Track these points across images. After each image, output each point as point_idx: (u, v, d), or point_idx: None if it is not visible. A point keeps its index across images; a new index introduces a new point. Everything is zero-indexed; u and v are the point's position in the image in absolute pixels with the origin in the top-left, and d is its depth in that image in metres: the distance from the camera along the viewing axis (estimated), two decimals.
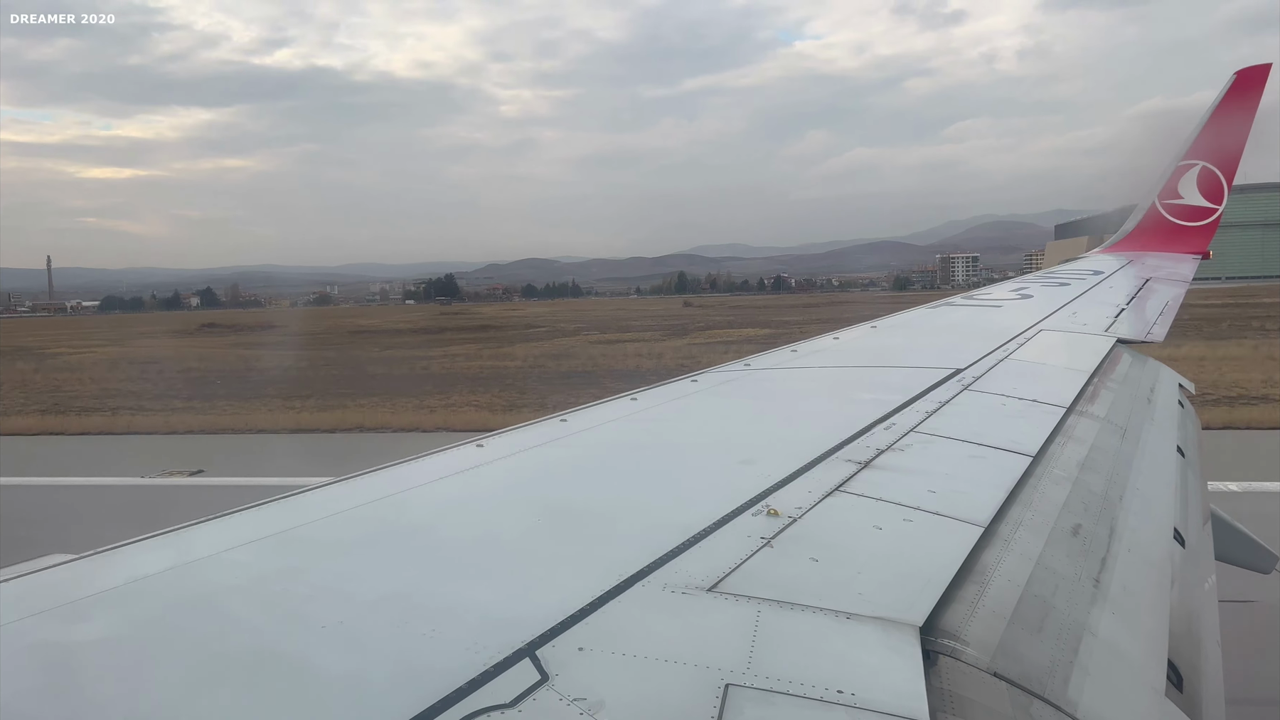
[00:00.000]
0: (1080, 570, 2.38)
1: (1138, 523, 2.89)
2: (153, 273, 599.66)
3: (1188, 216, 12.18)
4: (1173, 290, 9.14)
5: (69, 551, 2.24)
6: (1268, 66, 11.63)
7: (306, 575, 2.05)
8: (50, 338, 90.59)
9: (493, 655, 1.59)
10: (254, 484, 15.34)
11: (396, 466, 3.03)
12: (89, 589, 1.98)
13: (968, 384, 4.28)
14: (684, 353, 43.10)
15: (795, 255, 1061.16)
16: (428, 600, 1.87)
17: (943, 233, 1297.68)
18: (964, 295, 9.76)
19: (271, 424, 26.12)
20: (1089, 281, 9.67)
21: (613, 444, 3.44)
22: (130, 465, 20.13)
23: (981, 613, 1.95)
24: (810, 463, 2.88)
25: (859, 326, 7.17)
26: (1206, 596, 2.99)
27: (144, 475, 18.39)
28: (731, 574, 1.98)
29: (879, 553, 2.18)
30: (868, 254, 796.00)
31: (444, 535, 2.36)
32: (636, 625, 1.74)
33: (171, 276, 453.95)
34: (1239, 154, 11.83)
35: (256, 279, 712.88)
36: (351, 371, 41.71)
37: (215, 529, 2.39)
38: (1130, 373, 5.33)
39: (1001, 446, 3.20)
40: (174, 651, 1.68)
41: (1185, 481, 3.72)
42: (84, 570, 2.12)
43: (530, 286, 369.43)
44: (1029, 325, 6.54)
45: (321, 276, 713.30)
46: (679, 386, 4.59)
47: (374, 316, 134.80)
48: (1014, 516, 2.54)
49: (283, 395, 32.34)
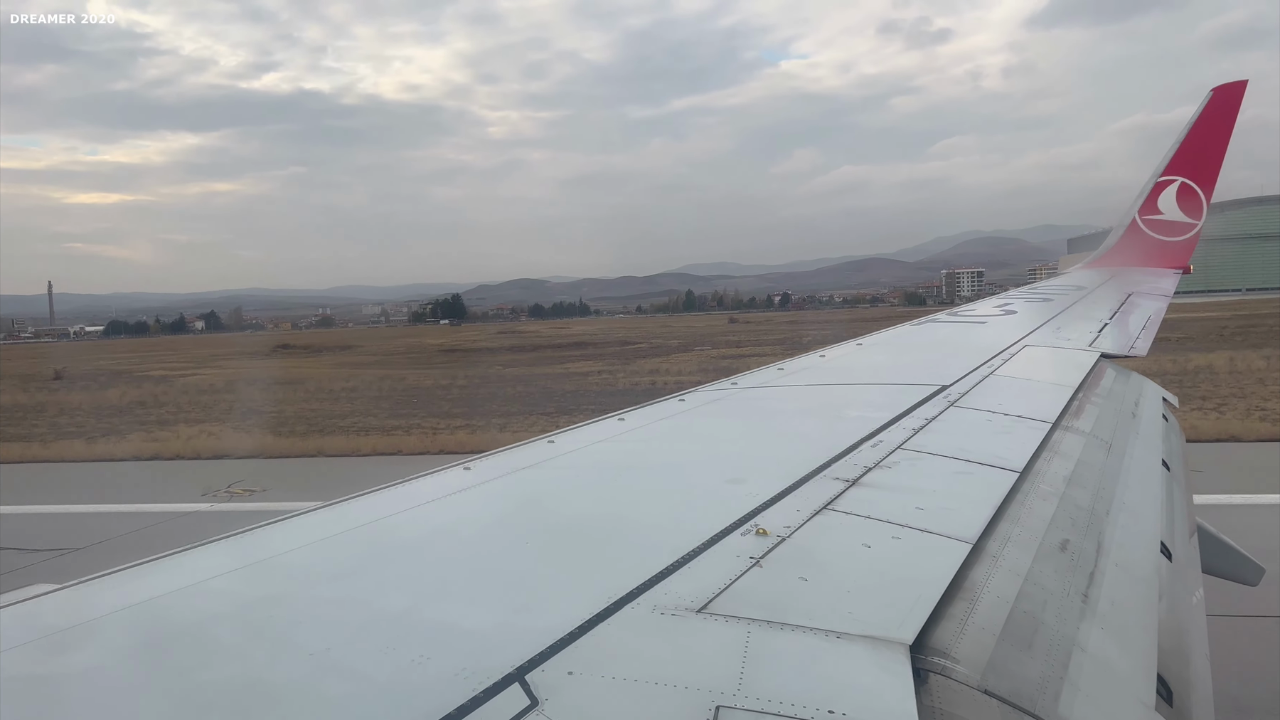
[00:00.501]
0: (1069, 585, 2.38)
1: (1125, 537, 2.89)
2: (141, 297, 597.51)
3: (1168, 232, 12.31)
4: (1155, 305, 9.22)
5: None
6: (1244, 83, 11.80)
7: (292, 602, 2.03)
8: (122, 361, 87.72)
9: (482, 681, 1.58)
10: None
11: (383, 490, 3.01)
12: (72, 619, 1.96)
13: (954, 400, 4.30)
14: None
15: (784, 273, 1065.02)
16: (416, 626, 1.85)
17: (930, 249, 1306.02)
18: (948, 312, 9.82)
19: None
20: (1072, 297, 9.74)
21: (601, 465, 3.43)
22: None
23: (971, 630, 1.94)
24: (798, 481, 2.88)
25: (845, 344, 7.20)
26: (1194, 609, 3.00)
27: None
28: (721, 594, 1.98)
29: (868, 571, 2.18)
30: (856, 271, 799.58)
31: (432, 559, 2.34)
32: (626, 648, 1.73)
33: (160, 301, 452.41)
34: (1217, 169, 11.98)
35: (245, 302, 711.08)
36: (521, 389, 40.23)
37: (199, 556, 2.37)
38: (1114, 387, 5.36)
39: (988, 462, 3.21)
40: (159, 682, 1.66)
41: (1171, 495, 3.74)
42: (67, 601, 2.09)
43: (538, 306, 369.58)
44: (1013, 341, 6.58)
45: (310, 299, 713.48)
46: (667, 406, 4.60)
47: (421, 337, 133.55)
48: (1002, 532, 2.55)
49: (502, 413, 31.37)
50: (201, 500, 17.96)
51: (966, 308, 10.37)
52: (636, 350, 67.82)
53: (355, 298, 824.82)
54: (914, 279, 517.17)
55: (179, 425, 31.46)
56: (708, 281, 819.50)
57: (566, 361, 58.09)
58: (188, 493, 18.61)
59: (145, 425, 32.01)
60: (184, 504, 17.56)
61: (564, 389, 39.22)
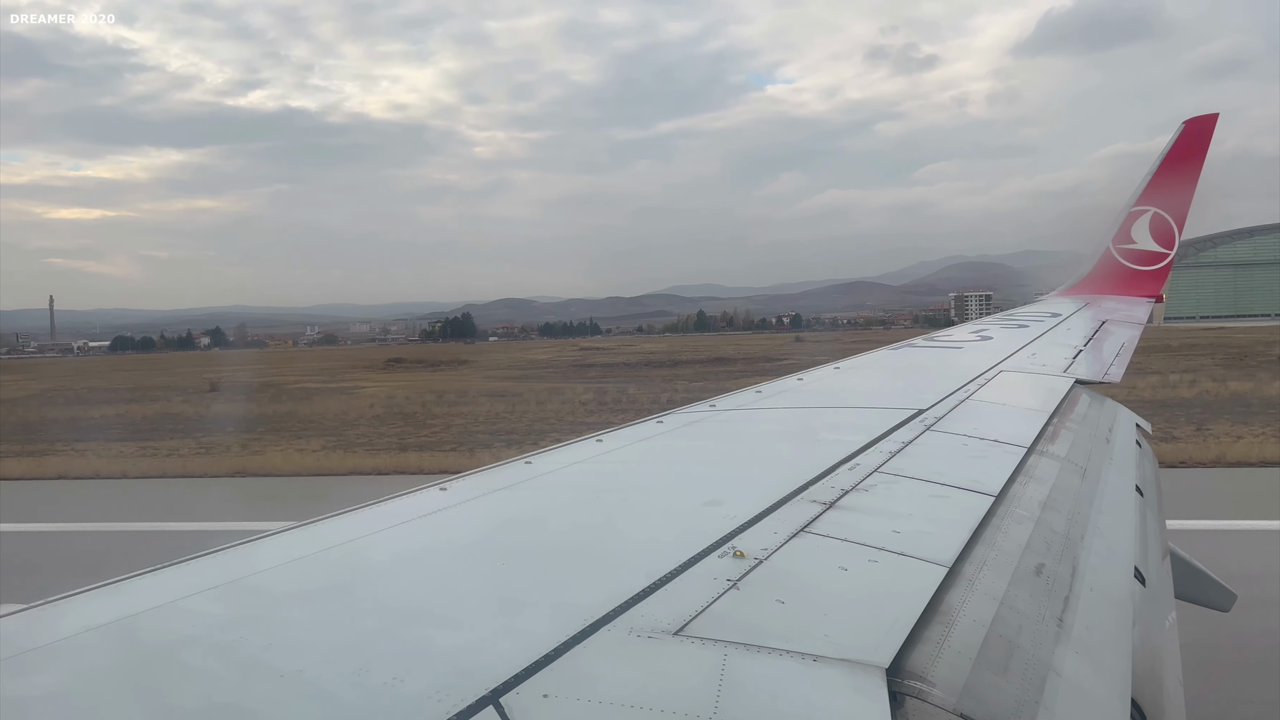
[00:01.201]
0: (1044, 609, 2.39)
1: (1099, 562, 2.91)
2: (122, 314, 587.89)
3: (1141, 261, 12.49)
4: (1128, 332, 9.33)
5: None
6: (1215, 116, 12.03)
7: (263, 623, 2.00)
8: (208, 375, 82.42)
9: (455, 704, 1.56)
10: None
11: (357, 511, 2.98)
12: (36, 640, 1.92)
13: (930, 424, 4.32)
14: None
15: (771, 294, 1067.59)
16: (388, 648, 1.83)
17: (914, 273, 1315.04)
18: (925, 337, 9.89)
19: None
20: (1047, 323, 9.84)
21: (578, 486, 3.42)
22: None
23: (947, 653, 1.94)
24: (776, 504, 2.88)
25: (823, 367, 7.23)
26: (1167, 634, 3.02)
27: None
28: (698, 617, 1.97)
29: (845, 594, 2.18)
30: (843, 294, 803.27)
31: (406, 581, 2.32)
32: (602, 671, 1.72)
33: (142, 317, 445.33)
34: (1189, 201, 12.19)
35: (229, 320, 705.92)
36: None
37: (168, 577, 2.33)
38: (1089, 413, 5.41)
39: (965, 486, 3.22)
40: (126, 703, 1.63)
41: (1144, 520, 3.77)
42: (31, 621, 2.05)
43: (549, 325, 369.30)
44: (989, 366, 6.63)
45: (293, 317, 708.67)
46: (645, 428, 4.59)
47: (495, 353, 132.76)
48: (978, 556, 2.56)
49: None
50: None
51: (943, 333, 10.46)
52: (780, 366, 67.32)
53: (339, 316, 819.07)
54: (901, 302, 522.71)
55: (444, 438, 31.11)
56: (695, 303, 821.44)
57: (741, 376, 55.69)
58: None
59: (431, 439, 31.41)
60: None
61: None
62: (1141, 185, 12.44)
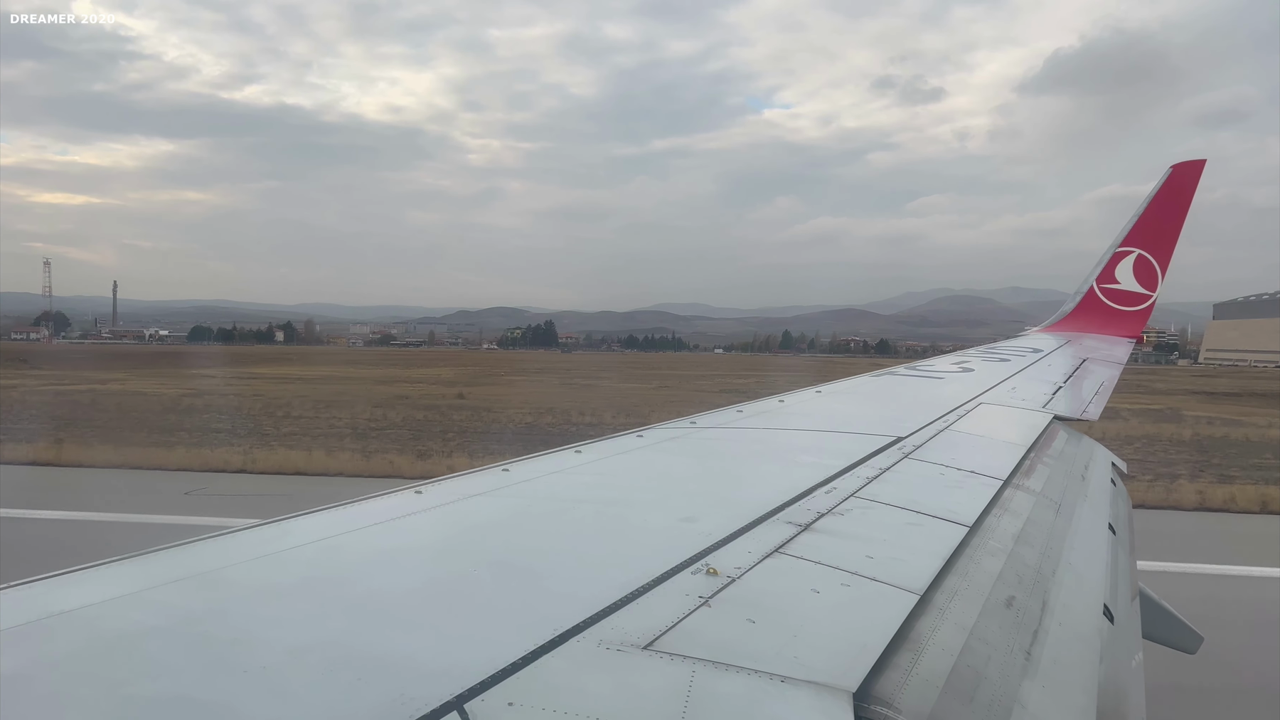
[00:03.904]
0: (1012, 642, 2.40)
1: (1069, 597, 2.92)
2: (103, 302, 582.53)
3: (1123, 301, 12.62)
4: (1108, 372, 9.42)
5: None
6: (1202, 162, 12.20)
7: (230, 618, 1.98)
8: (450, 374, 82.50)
9: (420, 708, 1.55)
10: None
11: (330, 510, 2.96)
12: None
13: (908, 452, 4.34)
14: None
15: (762, 317, 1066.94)
16: (355, 648, 1.81)
17: (902, 304, 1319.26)
18: (907, 366, 9.94)
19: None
20: (1028, 359, 9.92)
21: (554, 496, 3.41)
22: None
23: (915, 681, 1.95)
24: (751, 523, 2.88)
25: (804, 390, 7.25)
26: (1133, 673, 3.03)
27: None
28: (668, 632, 1.96)
29: (816, 616, 2.18)
30: (836, 320, 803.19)
31: (376, 582, 2.30)
32: (569, 682, 1.71)
33: (123, 307, 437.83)
34: (1173, 244, 12.33)
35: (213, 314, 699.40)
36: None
37: (135, 567, 2.30)
38: (1066, 449, 5.44)
39: (939, 515, 3.23)
40: (87, 693, 1.61)
41: (1116, 558, 3.79)
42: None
43: (632, 337, 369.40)
44: (970, 398, 6.67)
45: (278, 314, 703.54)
46: (625, 441, 4.58)
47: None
48: (950, 585, 2.56)
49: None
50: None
51: (924, 363, 10.52)
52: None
53: (325, 315, 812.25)
54: (894, 332, 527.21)
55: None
56: (688, 321, 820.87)
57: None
58: None
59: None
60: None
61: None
62: (1128, 227, 12.58)
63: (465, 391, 57.72)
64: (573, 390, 63.12)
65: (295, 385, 64.53)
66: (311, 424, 37.31)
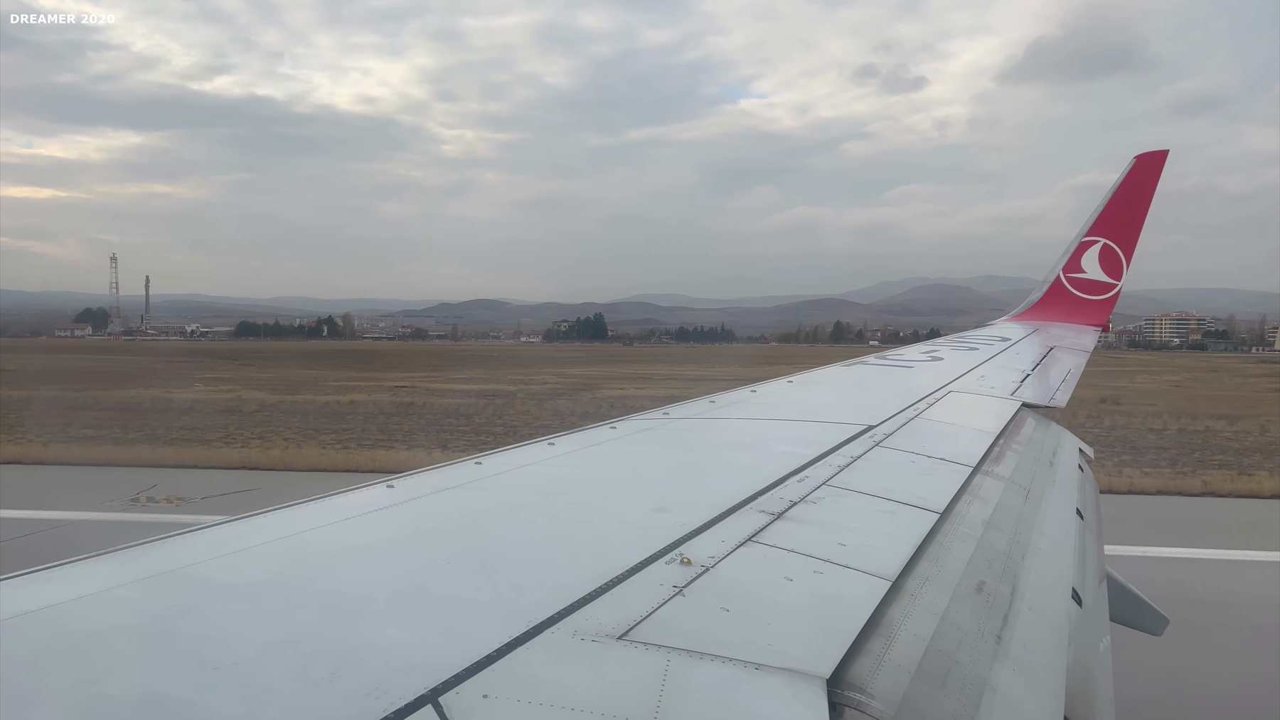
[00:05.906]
0: (983, 626, 2.42)
1: (1038, 581, 2.96)
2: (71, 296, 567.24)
3: (1089, 290, 12.79)
4: (1075, 359, 9.54)
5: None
6: (1165, 153, 12.36)
7: (200, 615, 1.96)
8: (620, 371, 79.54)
9: (393, 701, 1.54)
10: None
11: (301, 505, 2.93)
12: None
13: (879, 440, 4.37)
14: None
15: (742, 308, 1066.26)
16: (328, 643, 1.80)
17: (878, 293, 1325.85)
18: (877, 355, 10.02)
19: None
20: (996, 347, 10.03)
21: (527, 488, 3.40)
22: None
23: (887, 666, 1.96)
24: (724, 513, 2.89)
25: (776, 380, 7.28)
26: (1102, 656, 3.08)
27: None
28: (642, 622, 1.96)
29: (789, 604, 2.19)
30: (816, 309, 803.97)
31: (348, 577, 2.28)
32: (544, 673, 1.71)
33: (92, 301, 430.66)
34: (1138, 233, 12.50)
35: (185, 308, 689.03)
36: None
37: (101, 565, 2.27)
38: (1034, 436, 5.51)
39: (910, 502, 3.26)
40: (53, 693, 1.58)
41: (1084, 543, 3.85)
42: None
43: (683, 329, 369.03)
44: (939, 386, 6.73)
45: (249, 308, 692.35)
46: (597, 433, 4.58)
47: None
48: (921, 572, 2.59)
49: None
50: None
51: (894, 352, 10.60)
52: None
53: (300, 309, 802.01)
54: (875, 321, 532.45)
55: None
56: (671, 312, 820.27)
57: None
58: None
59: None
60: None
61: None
62: (1093, 217, 12.73)
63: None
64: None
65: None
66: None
